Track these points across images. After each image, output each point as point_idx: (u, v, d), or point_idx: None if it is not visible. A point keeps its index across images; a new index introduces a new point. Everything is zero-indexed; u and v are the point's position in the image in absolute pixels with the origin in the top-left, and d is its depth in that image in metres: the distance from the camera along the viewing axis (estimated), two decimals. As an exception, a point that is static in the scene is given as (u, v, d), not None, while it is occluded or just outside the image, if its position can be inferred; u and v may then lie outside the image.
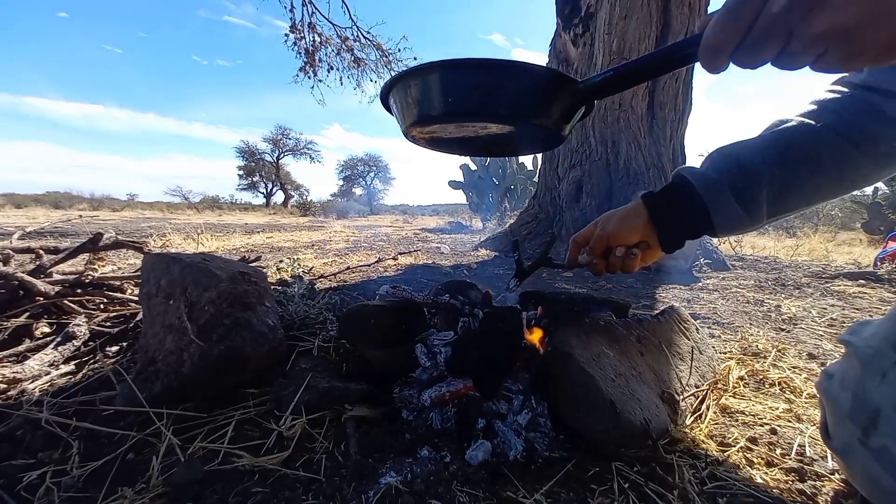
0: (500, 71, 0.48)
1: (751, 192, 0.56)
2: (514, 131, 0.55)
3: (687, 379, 0.88)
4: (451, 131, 0.57)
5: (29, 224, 4.71)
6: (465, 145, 0.65)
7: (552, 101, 0.51)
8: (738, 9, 0.34)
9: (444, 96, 0.50)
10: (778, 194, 0.56)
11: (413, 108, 0.53)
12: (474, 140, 0.61)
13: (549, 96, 0.51)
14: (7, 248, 1.44)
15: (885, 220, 6.86)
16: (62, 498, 0.60)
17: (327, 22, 7.38)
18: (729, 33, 0.35)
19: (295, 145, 34.44)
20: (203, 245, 3.82)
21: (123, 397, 0.80)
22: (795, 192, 0.57)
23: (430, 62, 0.48)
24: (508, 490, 0.62)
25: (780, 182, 0.56)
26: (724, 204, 0.57)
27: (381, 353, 0.92)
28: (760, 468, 0.70)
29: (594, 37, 3.19)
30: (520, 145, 0.64)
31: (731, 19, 0.35)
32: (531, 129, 0.54)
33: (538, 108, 0.51)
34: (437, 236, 5.82)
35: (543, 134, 0.56)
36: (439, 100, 0.50)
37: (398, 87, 0.54)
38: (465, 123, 0.54)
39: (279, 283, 1.67)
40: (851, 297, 2.03)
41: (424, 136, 0.60)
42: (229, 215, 14.52)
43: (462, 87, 0.49)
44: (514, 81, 0.49)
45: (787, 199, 0.57)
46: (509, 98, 0.49)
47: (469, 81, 0.49)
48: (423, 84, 0.51)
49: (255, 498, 0.60)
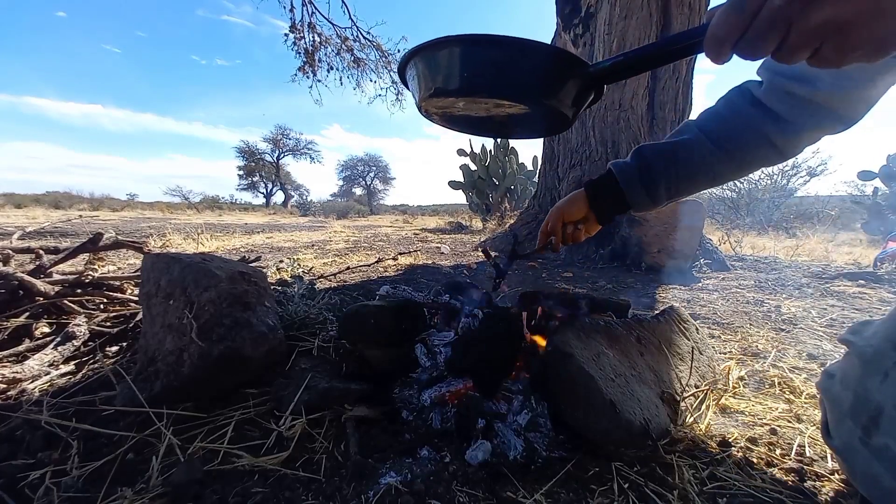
0: (515, 48, 0.49)
1: (654, 186, 0.80)
2: (526, 112, 0.57)
3: (687, 379, 0.87)
4: (462, 107, 0.59)
5: (29, 224, 4.71)
6: (477, 125, 0.67)
7: (564, 81, 0.53)
8: (742, 1, 0.36)
9: (461, 71, 0.51)
10: (672, 188, 0.80)
11: (429, 80, 0.54)
12: (486, 120, 0.63)
13: (560, 76, 0.52)
14: (7, 248, 1.44)
15: (885, 220, 6.86)
16: (62, 498, 0.60)
17: (327, 22, 7.39)
18: (733, 24, 0.37)
19: (295, 145, 34.48)
20: (203, 245, 3.82)
21: (123, 397, 0.80)
22: (683, 186, 0.80)
23: (447, 36, 0.49)
24: (508, 490, 0.62)
25: (673, 180, 0.79)
26: (636, 192, 0.81)
27: (381, 353, 0.92)
28: (760, 468, 0.70)
29: (594, 37, 3.19)
30: (530, 127, 0.66)
31: (736, 11, 0.36)
32: (542, 108, 0.55)
33: (550, 87, 0.52)
34: (437, 236, 5.82)
35: (552, 116, 0.58)
36: (456, 74, 0.51)
37: (415, 60, 0.55)
38: (478, 100, 0.55)
39: (279, 283, 1.67)
40: (851, 297, 2.03)
41: (438, 112, 0.61)
42: (229, 215, 14.51)
43: (478, 63, 0.50)
44: (527, 59, 0.50)
45: (678, 190, 0.81)
46: (522, 75, 0.50)
47: (485, 57, 0.50)
48: (441, 58, 0.52)
49: (255, 498, 0.60)
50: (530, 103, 0.53)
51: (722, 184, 0.83)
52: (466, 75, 0.51)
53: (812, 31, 0.34)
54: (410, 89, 0.59)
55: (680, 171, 0.79)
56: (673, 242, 2.71)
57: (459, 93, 0.53)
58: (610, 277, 2.50)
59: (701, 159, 0.76)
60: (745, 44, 0.37)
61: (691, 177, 0.79)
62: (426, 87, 0.55)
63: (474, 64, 0.51)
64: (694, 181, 0.80)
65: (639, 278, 2.50)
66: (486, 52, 0.50)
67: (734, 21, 0.36)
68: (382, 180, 36.45)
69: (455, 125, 0.68)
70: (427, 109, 0.61)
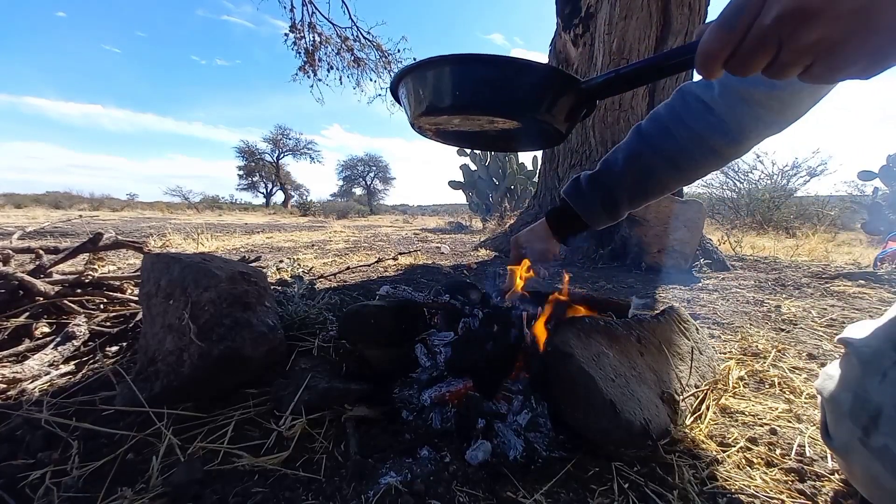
0: (506, 67, 0.50)
1: (615, 211, 0.86)
2: (519, 127, 0.57)
3: (687, 379, 0.88)
4: (457, 124, 0.59)
5: (29, 224, 4.72)
6: (471, 139, 0.68)
7: (556, 98, 0.53)
8: (732, 18, 0.36)
9: (452, 89, 0.52)
10: (629, 207, 0.86)
11: (421, 99, 0.55)
12: (480, 134, 0.63)
13: (552, 93, 0.53)
14: (7, 248, 1.44)
15: (885, 220, 6.85)
16: (62, 498, 0.60)
17: (327, 22, 7.39)
18: (723, 42, 0.36)
19: (295, 145, 34.45)
20: (203, 245, 3.82)
21: (123, 397, 0.80)
22: (637, 204, 0.86)
23: (439, 56, 0.50)
24: (508, 490, 0.62)
25: (630, 201, 0.85)
26: (596, 215, 0.87)
27: (381, 352, 0.92)
28: (760, 468, 0.70)
29: (594, 37, 3.19)
30: (523, 142, 0.67)
31: (725, 28, 0.36)
32: (535, 124, 0.56)
33: (542, 104, 0.53)
34: (437, 236, 5.82)
35: (546, 131, 0.58)
36: (447, 92, 0.52)
37: (407, 79, 0.55)
38: (471, 116, 0.56)
39: (279, 283, 1.67)
40: (851, 297, 2.03)
41: (431, 128, 0.62)
42: (229, 215, 14.51)
43: (470, 82, 0.51)
44: (519, 77, 0.51)
45: (633, 207, 0.87)
46: (514, 93, 0.51)
47: (477, 76, 0.51)
48: (433, 77, 0.53)
49: (255, 498, 0.60)
50: (523, 119, 0.54)
51: (663, 196, 0.89)
52: (459, 93, 0.52)
53: (803, 50, 0.34)
54: (403, 106, 0.60)
55: (637, 192, 0.84)
56: (673, 243, 2.71)
57: (452, 110, 0.54)
58: (610, 277, 2.50)
59: (655, 177, 0.81)
60: (735, 61, 0.37)
61: (645, 194, 0.85)
62: (418, 106, 0.55)
63: (467, 82, 0.51)
64: (646, 198, 0.86)
65: (639, 278, 2.50)
66: (479, 71, 0.51)
67: (724, 38, 0.36)
68: (382, 180, 36.44)
69: (449, 140, 0.69)
70: (420, 126, 0.61)
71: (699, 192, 10.05)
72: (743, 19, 0.35)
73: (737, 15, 0.35)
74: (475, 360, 0.81)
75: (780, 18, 0.33)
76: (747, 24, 0.35)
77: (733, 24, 0.36)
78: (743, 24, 0.35)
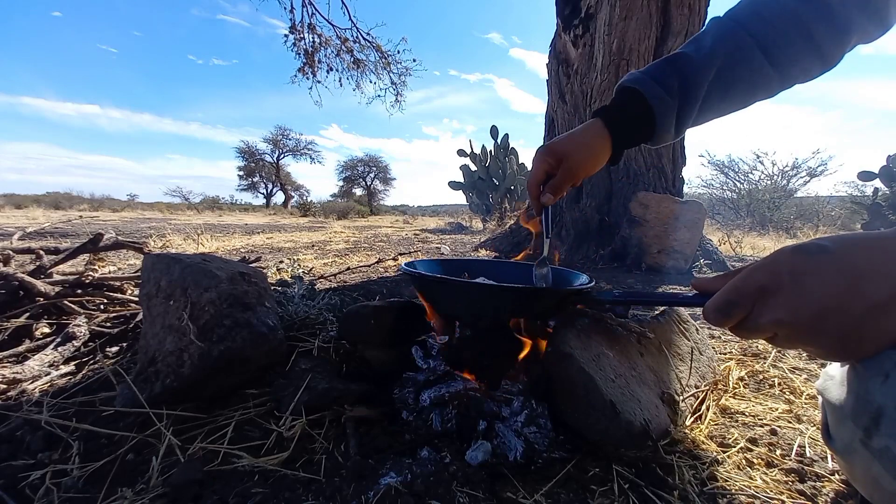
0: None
1: (687, 114, 0.68)
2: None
3: (687, 380, 0.87)
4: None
5: (29, 224, 4.72)
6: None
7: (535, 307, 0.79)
8: (728, 308, 0.43)
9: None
10: (701, 115, 0.70)
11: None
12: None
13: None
14: (7, 249, 1.44)
15: (885, 220, 6.85)
16: (62, 498, 0.60)
17: (327, 23, 7.39)
18: (722, 323, 0.44)
19: (295, 146, 34.43)
20: (203, 245, 3.82)
21: (123, 398, 0.80)
22: (713, 110, 0.70)
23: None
24: (508, 491, 0.62)
25: (707, 105, 0.68)
26: (668, 108, 0.68)
27: (381, 353, 0.92)
28: (760, 469, 0.70)
29: (594, 38, 3.19)
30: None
31: (722, 315, 0.43)
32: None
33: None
34: (437, 237, 5.82)
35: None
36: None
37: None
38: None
39: (279, 284, 1.67)
40: (852, 297, 2.03)
41: None
42: (229, 216, 14.51)
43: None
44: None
45: (705, 117, 0.71)
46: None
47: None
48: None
49: (255, 498, 0.60)
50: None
51: (744, 108, 0.71)
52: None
53: (793, 348, 0.41)
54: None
55: (719, 87, 0.66)
56: (673, 243, 2.71)
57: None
58: (610, 278, 2.50)
59: (746, 66, 0.65)
60: (737, 333, 0.44)
61: (726, 91, 0.67)
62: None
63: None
64: (726, 98, 0.68)
65: (639, 279, 2.50)
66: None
67: (723, 322, 0.43)
68: (382, 181, 36.41)
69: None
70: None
71: (699, 192, 10.05)
72: (737, 313, 0.42)
73: (731, 308, 0.43)
74: (477, 353, 0.81)
75: (761, 315, 0.41)
76: (740, 315, 0.42)
77: (729, 312, 0.43)
78: (738, 314, 0.42)
